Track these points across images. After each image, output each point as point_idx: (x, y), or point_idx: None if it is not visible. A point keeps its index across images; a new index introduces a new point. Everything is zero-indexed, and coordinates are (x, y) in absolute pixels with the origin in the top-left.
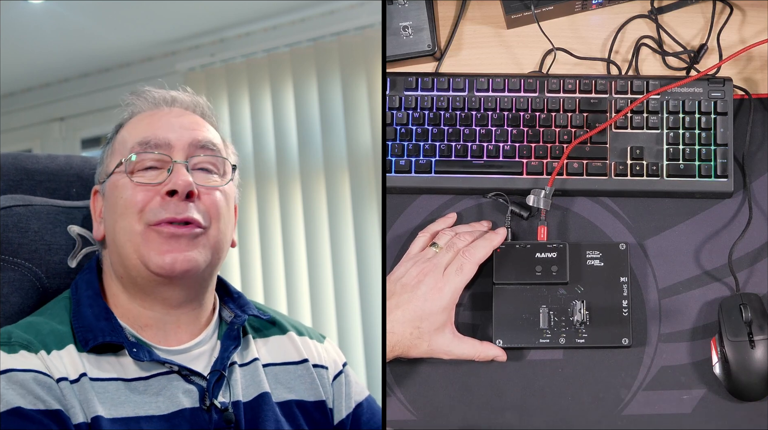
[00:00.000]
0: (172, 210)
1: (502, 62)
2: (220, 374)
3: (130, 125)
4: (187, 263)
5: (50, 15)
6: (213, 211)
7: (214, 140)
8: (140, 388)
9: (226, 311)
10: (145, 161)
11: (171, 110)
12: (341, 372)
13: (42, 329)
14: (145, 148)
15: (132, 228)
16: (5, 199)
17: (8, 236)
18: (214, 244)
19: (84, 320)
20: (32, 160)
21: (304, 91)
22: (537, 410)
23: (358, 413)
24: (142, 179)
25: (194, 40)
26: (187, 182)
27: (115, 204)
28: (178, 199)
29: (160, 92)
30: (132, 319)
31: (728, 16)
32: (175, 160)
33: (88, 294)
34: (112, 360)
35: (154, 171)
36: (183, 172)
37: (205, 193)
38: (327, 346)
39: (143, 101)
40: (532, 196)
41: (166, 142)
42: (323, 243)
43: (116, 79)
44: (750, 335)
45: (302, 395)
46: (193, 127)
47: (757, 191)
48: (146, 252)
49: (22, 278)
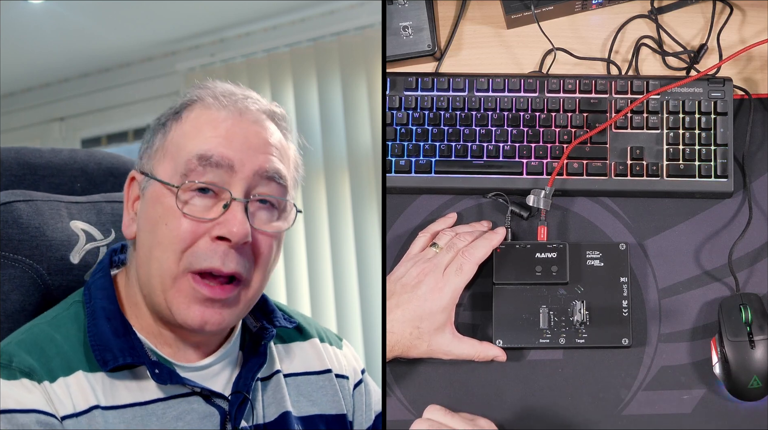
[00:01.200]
0: (219, 260)
1: (502, 62)
2: (244, 397)
3: (188, 120)
4: (218, 325)
5: (50, 15)
6: (263, 260)
7: (282, 171)
8: (158, 412)
9: (252, 319)
10: (202, 185)
11: (242, 117)
12: (361, 381)
13: (48, 350)
14: (204, 166)
15: (168, 267)
16: (6, 194)
17: (8, 233)
18: (252, 297)
19: (101, 336)
20: (35, 155)
21: (304, 91)
22: (537, 410)
23: (378, 424)
24: (193, 210)
25: (194, 40)
26: (243, 232)
27: (155, 224)
28: (229, 247)
29: (229, 88)
30: (153, 335)
31: (728, 16)
32: (234, 197)
33: (104, 305)
34: (129, 383)
35: (207, 198)
36: (240, 216)
37: (259, 239)
38: (346, 352)
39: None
40: (532, 196)
41: (229, 163)
42: (323, 243)
43: (116, 79)
44: (750, 335)
45: (325, 408)
46: (264, 148)
47: (757, 191)
48: (175, 300)
49: (23, 275)
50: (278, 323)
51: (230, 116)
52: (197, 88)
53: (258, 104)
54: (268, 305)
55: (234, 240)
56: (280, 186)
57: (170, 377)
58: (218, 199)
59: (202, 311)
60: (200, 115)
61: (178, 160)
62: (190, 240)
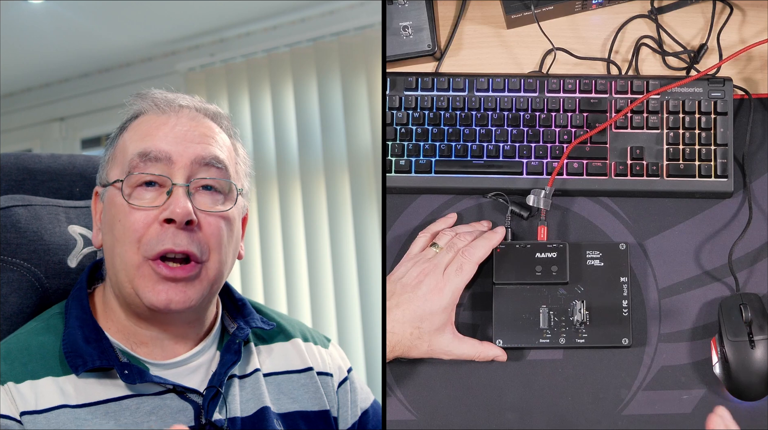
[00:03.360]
0: (169, 241)
1: (502, 62)
2: (216, 391)
3: (132, 129)
4: (183, 303)
5: (50, 15)
6: (213, 241)
7: (220, 156)
8: (132, 406)
9: (229, 320)
10: (144, 176)
11: (178, 117)
12: (346, 379)
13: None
14: (144, 162)
15: (129, 258)
16: (5, 199)
17: (7, 237)
18: (213, 277)
19: (74, 344)
20: (34, 160)
21: (304, 91)
22: (537, 410)
23: (364, 421)
24: (140, 201)
25: (194, 40)
26: (185, 211)
27: (112, 224)
28: (176, 228)
29: (167, 95)
30: (128, 335)
31: (728, 16)
32: (174, 182)
33: (77, 314)
34: (103, 382)
35: (153, 190)
36: (181, 198)
37: (207, 220)
38: (332, 351)
39: (148, 103)
40: (532, 196)
41: (167, 156)
42: (323, 243)
43: (116, 79)
44: (750, 335)
45: (306, 405)
46: (200, 139)
47: (757, 191)
48: (140, 286)
49: (21, 279)
50: (254, 323)
51: (167, 117)
52: (138, 99)
53: (193, 103)
54: (246, 308)
55: (178, 220)
56: (219, 170)
57: (140, 377)
58: (162, 188)
59: (166, 291)
60: (141, 122)
61: (124, 162)
62: (143, 229)
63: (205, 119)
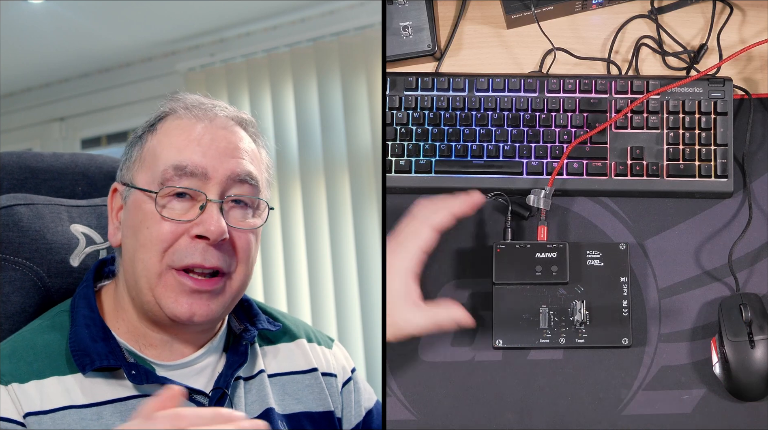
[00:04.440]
0: (199, 256)
1: (502, 62)
2: (222, 393)
3: (163, 131)
4: (206, 316)
5: (50, 15)
6: (242, 255)
7: (253, 173)
8: (138, 407)
9: (235, 322)
10: (178, 190)
11: (212, 127)
12: (350, 379)
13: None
14: (179, 176)
15: (151, 266)
16: (7, 198)
17: (9, 235)
18: (237, 289)
19: (80, 342)
20: (37, 159)
21: (304, 91)
22: (537, 410)
23: (369, 421)
24: (171, 213)
25: (194, 40)
26: (220, 230)
27: (137, 228)
28: (208, 244)
29: (201, 100)
30: (137, 337)
31: (728, 16)
32: (210, 199)
33: (84, 313)
34: (110, 382)
35: (185, 202)
36: (215, 215)
37: (237, 235)
38: (336, 351)
39: (182, 106)
40: (532, 196)
41: (203, 171)
42: (323, 243)
43: (116, 79)
44: (750, 335)
45: (310, 406)
46: (233, 152)
47: (757, 191)
48: (163, 295)
49: (23, 278)
50: (260, 325)
51: (201, 125)
52: (169, 100)
53: (226, 111)
54: (253, 309)
55: (212, 238)
56: (251, 187)
57: (147, 377)
58: (195, 202)
59: (190, 303)
60: (173, 126)
61: (155, 170)
62: (171, 239)
63: (236, 127)
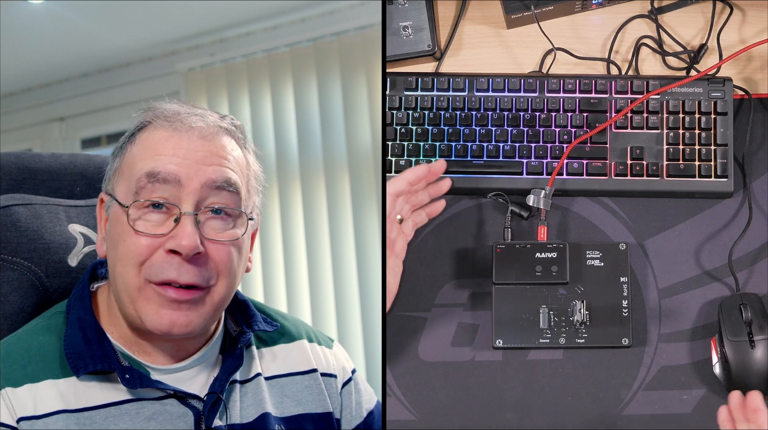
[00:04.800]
0: (174, 272)
1: (502, 62)
2: (217, 397)
3: (141, 141)
4: (185, 327)
5: (50, 15)
6: (222, 267)
7: (232, 179)
8: (132, 411)
9: (232, 323)
10: (151, 201)
11: (189, 135)
12: (350, 379)
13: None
14: (153, 183)
15: (130, 280)
16: (5, 198)
17: (7, 236)
18: (219, 301)
19: (75, 345)
20: (35, 159)
21: (304, 91)
22: (537, 410)
23: (370, 421)
24: (146, 224)
25: (194, 40)
26: (192, 245)
27: (116, 241)
28: (182, 259)
29: (178, 109)
30: (131, 343)
31: (728, 16)
32: (183, 211)
33: (79, 315)
34: (103, 386)
35: (160, 213)
36: (188, 229)
37: (215, 248)
38: (336, 351)
39: (157, 115)
40: (532, 196)
41: (176, 178)
42: (323, 243)
43: (116, 79)
44: (750, 335)
45: (309, 407)
46: (211, 160)
47: (757, 191)
48: (143, 308)
49: (21, 278)
50: (257, 326)
51: (177, 134)
52: (146, 110)
53: (204, 120)
54: (249, 310)
55: (184, 253)
56: (231, 194)
57: (141, 381)
58: (170, 213)
59: (170, 314)
60: (150, 136)
61: (131, 180)
62: (146, 254)
63: (218, 137)
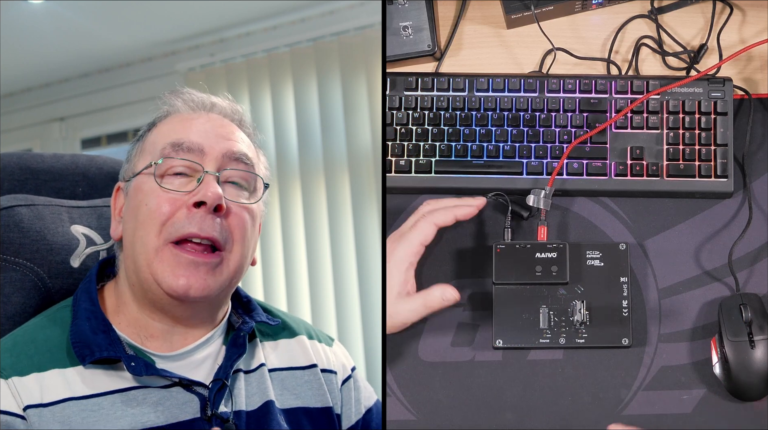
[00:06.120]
0: (196, 224)
1: (502, 62)
2: (222, 383)
3: (163, 125)
4: (202, 290)
5: (50, 15)
6: (237, 232)
7: (248, 153)
8: (139, 397)
9: (235, 316)
10: (175, 166)
11: (209, 116)
12: (350, 377)
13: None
14: (177, 151)
15: (149, 241)
16: (7, 199)
17: (10, 236)
18: (234, 269)
19: (81, 334)
20: (37, 160)
21: (304, 91)
22: (537, 410)
23: (368, 419)
24: (170, 186)
25: (194, 40)
26: (216, 195)
27: (137, 209)
28: (205, 212)
29: (199, 95)
30: (138, 328)
31: (728, 16)
32: (207, 170)
33: (86, 306)
34: (110, 373)
35: (183, 178)
36: (213, 184)
37: (233, 211)
38: (336, 349)
39: (181, 102)
40: (532, 196)
41: (200, 148)
42: (323, 243)
43: (116, 79)
44: (750, 335)
45: (309, 401)
46: (229, 136)
47: (757, 191)
48: (159, 270)
49: (24, 278)
50: (258, 318)
51: (199, 115)
52: (171, 96)
53: (222, 106)
54: (251, 304)
55: (209, 202)
56: (247, 166)
57: (146, 369)
58: (192, 178)
59: (187, 276)
60: (172, 119)
61: (154, 153)
62: (169, 213)
63: (231, 124)
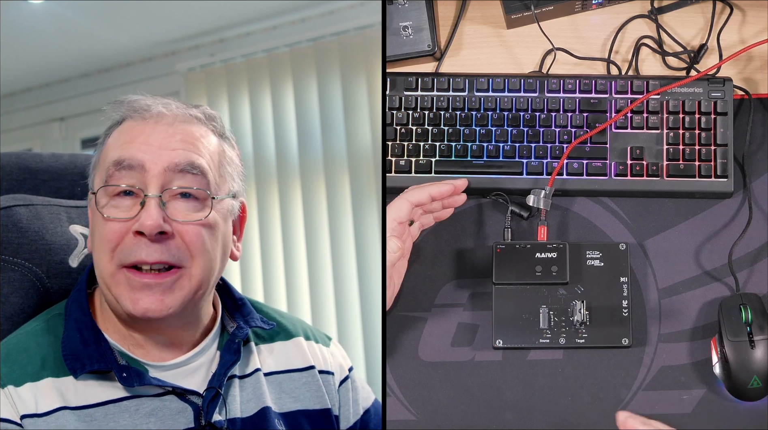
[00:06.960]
0: (143, 251)
1: (502, 62)
2: (216, 392)
3: (115, 134)
4: (161, 311)
5: (50, 15)
6: (194, 248)
7: (196, 162)
8: (131, 408)
9: (229, 320)
10: (121, 186)
11: (155, 124)
12: (347, 377)
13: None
14: (119, 170)
15: (104, 266)
16: (6, 198)
17: (8, 236)
18: (198, 281)
19: (72, 347)
20: (36, 160)
21: (304, 91)
22: (537, 410)
23: (366, 420)
24: (116, 211)
25: (194, 40)
26: (154, 224)
27: (93, 232)
28: (148, 240)
29: (146, 101)
30: (124, 337)
31: (728, 16)
32: (147, 194)
33: (76, 316)
34: (102, 383)
35: (130, 199)
36: (152, 211)
37: (183, 229)
38: (333, 349)
39: (127, 109)
40: (532, 196)
41: (140, 164)
42: (323, 243)
43: (116, 79)
44: (750, 335)
45: (307, 403)
46: (176, 145)
47: (757, 191)
48: (118, 294)
49: (23, 278)
50: (253, 323)
51: (143, 123)
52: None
53: (169, 108)
54: (246, 307)
55: (147, 232)
56: (195, 176)
57: (138, 379)
58: (138, 198)
59: (143, 298)
60: (121, 131)
61: (102, 171)
62: (117, 239)
63: (185, 124)
